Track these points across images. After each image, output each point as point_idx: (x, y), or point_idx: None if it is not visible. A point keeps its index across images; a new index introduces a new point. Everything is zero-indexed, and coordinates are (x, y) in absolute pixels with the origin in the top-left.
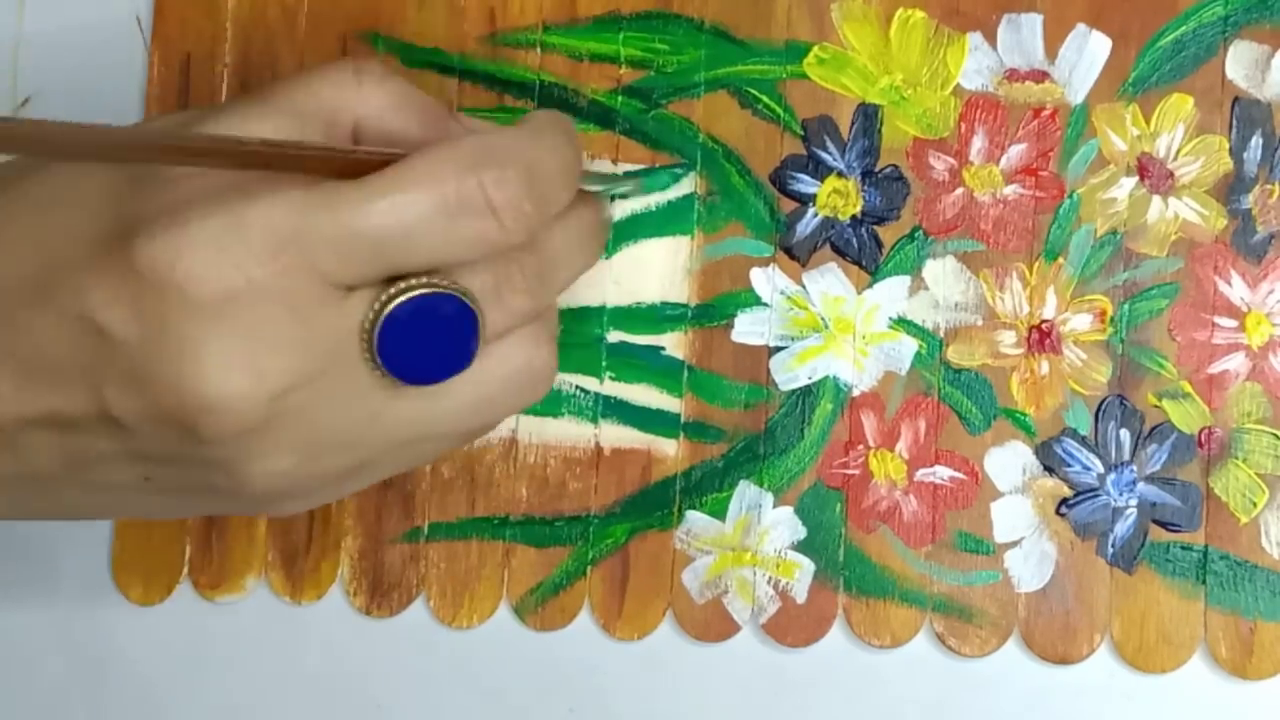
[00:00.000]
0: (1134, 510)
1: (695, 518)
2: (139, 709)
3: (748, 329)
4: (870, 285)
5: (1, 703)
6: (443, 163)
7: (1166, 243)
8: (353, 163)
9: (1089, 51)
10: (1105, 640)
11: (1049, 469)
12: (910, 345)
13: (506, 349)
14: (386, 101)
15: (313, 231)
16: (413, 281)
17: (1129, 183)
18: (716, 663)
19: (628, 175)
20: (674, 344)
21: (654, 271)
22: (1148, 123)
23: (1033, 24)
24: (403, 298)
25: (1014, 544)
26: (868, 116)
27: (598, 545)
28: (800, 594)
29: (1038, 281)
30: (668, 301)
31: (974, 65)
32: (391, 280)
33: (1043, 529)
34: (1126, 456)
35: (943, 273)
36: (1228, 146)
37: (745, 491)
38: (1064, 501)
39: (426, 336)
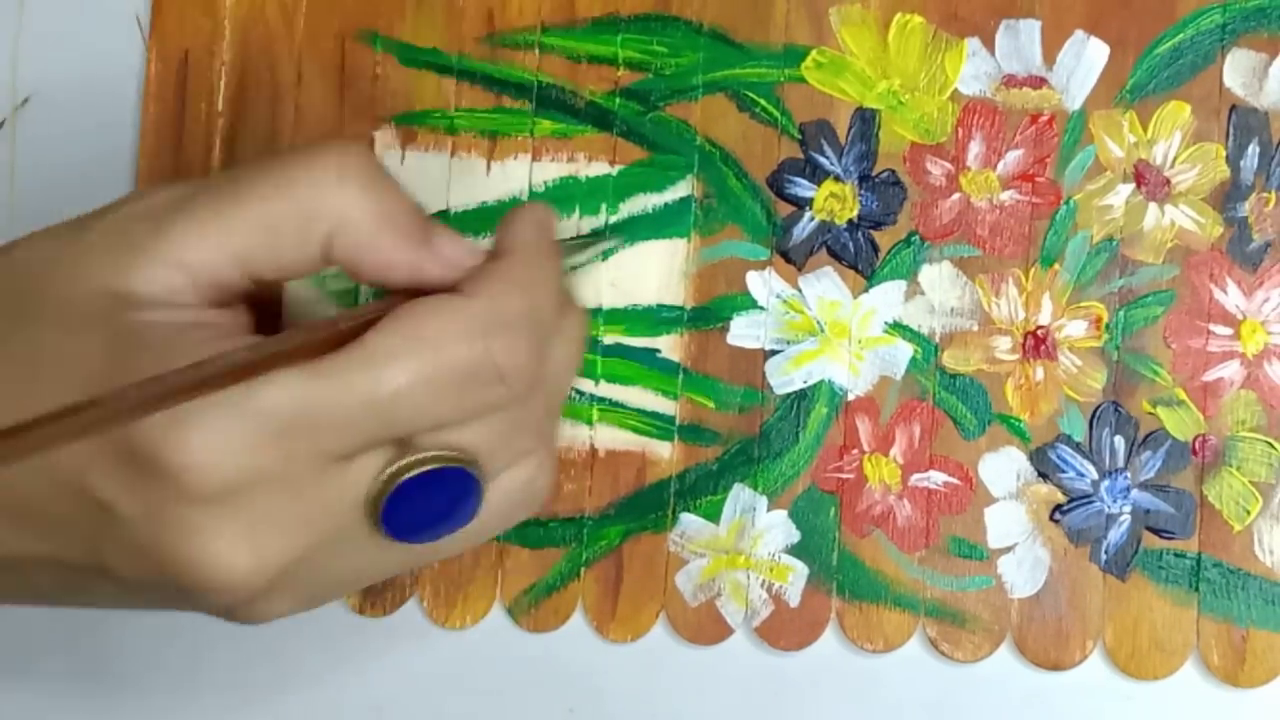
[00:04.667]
0: (1128, 517)
1: (689, 520)
2: (134, 707)
3: (743, 332)
4: (866, 289)
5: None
6: (449, 330)
7: (1162, 250)
8: (339, 334)
9: (1087, 58)
10: (1098, 647)
11: (1043, 475)
12: (905, 350)
13: (507, 482)
14: (366, 210)
15: (313, 412)
16: (421, 456)
17: (1126, 189)
18: (711, 665)
19: (593, 234)
20: (669, 346)
21: (650, 274)
22: (1145, 130)
23: (1031, 30)
24: (410, 473)
25: (1007, 549)
26: (865, 121)
27: (592, 547)
28: (793, 597)
29: (1034, 287)
30: (664, 304)
31: (972, 71)
32: (396, 444)
33: (1036, 535)
34: (1121, 463)
35: (939, 278)
36: (1225, 154)
37: (739, 495)
38: (1058, 508)
39: (430, 503)
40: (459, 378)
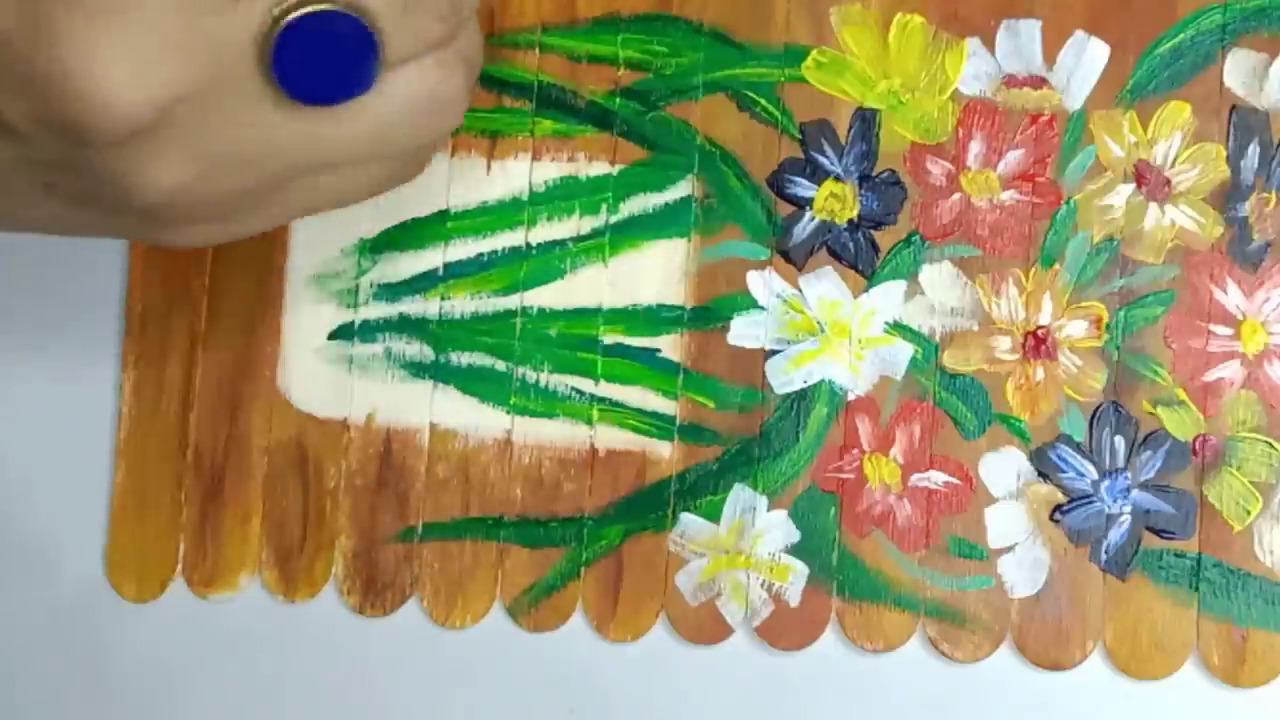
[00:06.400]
0: (1128, 517)
1: (689, 520)
2: (134, 706)
3: (744, 332)
4: (866, 289)
5: None
6: None
7: (1163, 250)
8: None
9: (1087, 58)
10: (1098, 647)
11: (1043, 475)
12: (906, 350)
13: (411, 74)
14: None
15: None
16: None
17: (1126, 189)
18: (711, 665)
19: None
20: (670, 346)
21: (650, 274)
22: (1145, 130)
23: (1031, 30)
24: (299, 11)
25: (1007, 549)
26: (865, 121)
27: (592, 547)
28: (793, 597)
29: (1034, 287)
30: (664, 304)
31: (972, 70)
32: None
33: (1036, 535)
34: (1121, 463)
35: (939, 277)
36: (1225, 154)
37: (739, 494)
38: (1058, 508)
39: (323, 54)
40: None
